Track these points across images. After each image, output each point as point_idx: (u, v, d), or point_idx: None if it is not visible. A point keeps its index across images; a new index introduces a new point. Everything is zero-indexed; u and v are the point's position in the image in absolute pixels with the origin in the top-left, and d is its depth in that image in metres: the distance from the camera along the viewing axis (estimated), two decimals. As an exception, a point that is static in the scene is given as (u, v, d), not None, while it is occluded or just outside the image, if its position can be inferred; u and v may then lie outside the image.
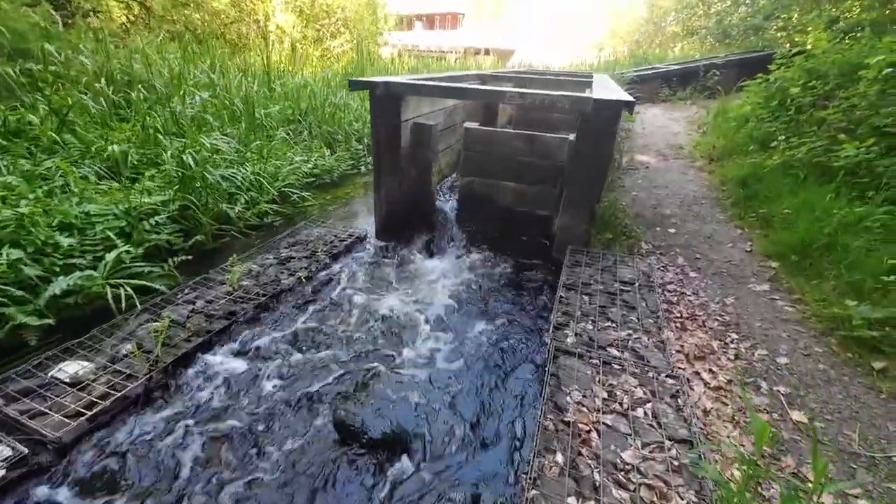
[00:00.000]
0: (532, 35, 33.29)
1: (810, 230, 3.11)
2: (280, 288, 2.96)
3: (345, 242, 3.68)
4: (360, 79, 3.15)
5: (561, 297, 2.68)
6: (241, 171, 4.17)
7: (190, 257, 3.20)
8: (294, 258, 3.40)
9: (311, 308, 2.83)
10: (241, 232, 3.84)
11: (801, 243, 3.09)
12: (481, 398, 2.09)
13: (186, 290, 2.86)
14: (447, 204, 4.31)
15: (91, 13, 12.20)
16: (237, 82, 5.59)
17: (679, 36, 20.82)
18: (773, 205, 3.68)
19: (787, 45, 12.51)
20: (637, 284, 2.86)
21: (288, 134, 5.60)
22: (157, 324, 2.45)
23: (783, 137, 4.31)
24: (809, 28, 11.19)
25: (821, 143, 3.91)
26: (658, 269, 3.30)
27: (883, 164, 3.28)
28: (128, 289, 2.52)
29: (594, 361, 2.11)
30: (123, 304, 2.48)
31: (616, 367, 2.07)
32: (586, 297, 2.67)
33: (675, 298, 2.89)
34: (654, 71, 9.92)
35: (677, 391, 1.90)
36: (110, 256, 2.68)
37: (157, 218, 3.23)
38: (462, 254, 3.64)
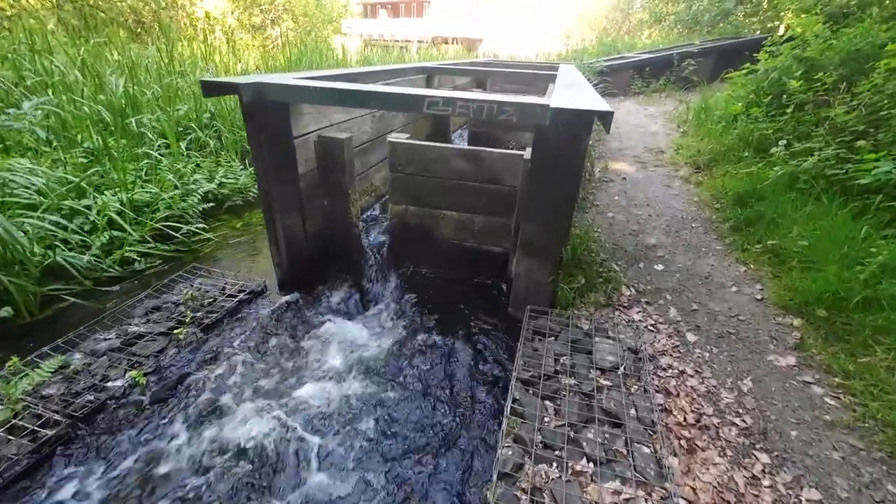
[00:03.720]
0: (500, 23, 32.38)
1: (840, 275, 2.35)
2: (101, 400, 1.97)
3: (231, 302, 2.69)
4: (217, 79, 2.15)
5: (514, 401, 1.81)
6: (98, 203, 3.11)
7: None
8: (146, 335, 2.40)
9: (140, 441, 1.84)
10: (92, 290, 2.81)
11: (830, 293, 2.32)
12: None
13: (-63, 418, 1.82)
14: (377, 238, 3.37)
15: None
16: (124, 80, 4.40)
17: (646, 23, 20.39)
18: (782, 232, 2.92)
19: (758, 31, 12.07)
20: (622, 370, 2.02)
21: (188, 144, 4.51)
22: None
23: (784, 142, 3.57)
24: (783, 12, 10.72)
25: (833, 151, 3.17)
26: (646, 327, 2.49)
27: (923, 181, 2.55)
28: None
29: (561, 567, 1.24)
30: None
31: (597, 580, 1.21)
32: (550, 405, 1.80)
33: (674, 384, 2.07)
34: (626, 61, 9.17)
35: None
36: None
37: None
38: (388, 315, 2.72)
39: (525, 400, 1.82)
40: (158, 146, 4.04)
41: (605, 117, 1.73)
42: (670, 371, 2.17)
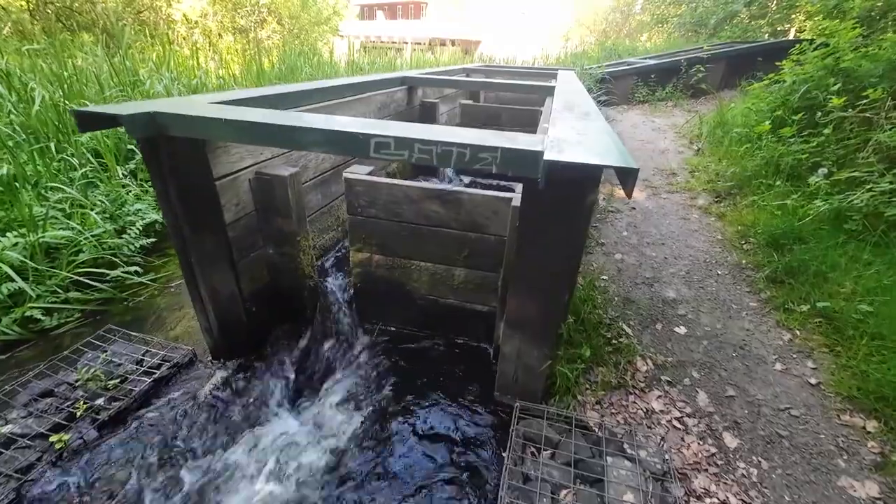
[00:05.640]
0: (498, 25, 31.94)
1: (927, 361, 1.80)
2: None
3: (145, 383, 2.12)
4: (91, 109, 1.58)
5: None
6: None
7: None
8: (20, 439, 1.83)
9: None
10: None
11: (915, 388, 1.77)
12: None
13: None
14: (340, 287, 2.80)
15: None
16: (48, 93, 3.82)
17: (647, 26, 19.90)
18: (832, 288, 2.36)
19: (767, 34, 11.54)
20: (645, 515, 1.45)
21: (136, 165, 3.94)
22: None
23: (824, 170, 3.01)
24: (793, 15, 10.18)
25: (890, 185, 2.62)
26: (670, 422, 1.93)
27: None
28: None
29: None
30: None
31: None
32: (545, 591, 1.24)
33: (715, 526, 1.51)
34: (629, 67, 8.61)
35: None
36: None
37: None
38: (338, 406, 2.15)
39: (509, 580, 1.26)
40: (89, 171, 3.47)
41: (627, 176, 1.17)
42: (708, 502, 1.61)
